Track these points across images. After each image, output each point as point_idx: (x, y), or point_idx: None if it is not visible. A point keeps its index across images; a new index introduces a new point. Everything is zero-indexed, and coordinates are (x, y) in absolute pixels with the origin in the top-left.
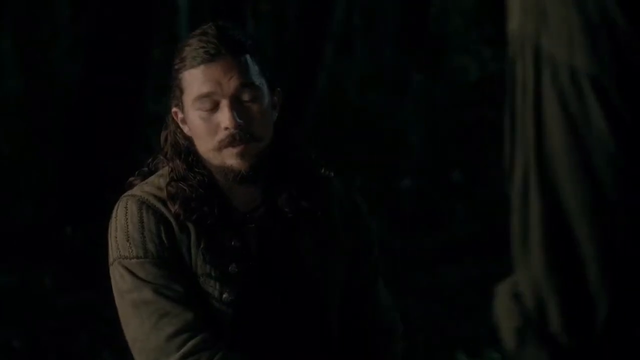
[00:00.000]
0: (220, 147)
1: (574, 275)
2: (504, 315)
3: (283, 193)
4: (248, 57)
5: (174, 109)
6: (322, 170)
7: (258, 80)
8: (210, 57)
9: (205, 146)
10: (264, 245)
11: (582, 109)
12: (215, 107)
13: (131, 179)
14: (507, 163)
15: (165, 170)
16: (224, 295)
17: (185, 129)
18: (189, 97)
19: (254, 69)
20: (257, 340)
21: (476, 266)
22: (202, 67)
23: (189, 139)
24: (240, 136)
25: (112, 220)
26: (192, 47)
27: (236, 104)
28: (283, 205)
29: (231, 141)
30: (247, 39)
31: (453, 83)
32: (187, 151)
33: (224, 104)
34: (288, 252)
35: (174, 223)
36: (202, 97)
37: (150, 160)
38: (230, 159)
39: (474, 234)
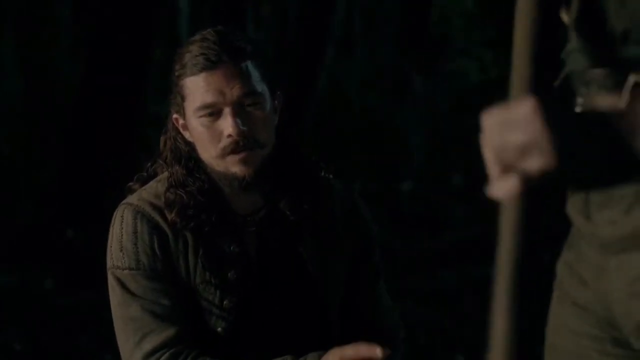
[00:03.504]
0: (224, 154)
1: None
2: None
3: (284, 196)
4: (249, 63)
5: (174, 115)
6: (323, 173)
7: (260, 86)
8: (211, 64)
9: (208, 153)
10: (263, 249)
11: None
12: (218, 115)
13: (130, 184)
14: None
15: (164, 175)
16: (225, 302)
17: (187, 135)
18: (191, 104)
19: (255, 75)
20: (257, 345)
21: (476, 269)
22: (203, 74)
23: (190, 145)
24: (244, 143)
25: (110, 228)
26: (193, 53)
27: (239, 111)
28: (285, 208)
29: (234, 148)
30: (247, 44)
31: (453, 85)
32: (187, 157)
33: (227, 112)
34: (288, 255)
35: (169, 232)
36: (204, 106)
37: (149, 165)
38: (233, 165)
39: (474, 237)
